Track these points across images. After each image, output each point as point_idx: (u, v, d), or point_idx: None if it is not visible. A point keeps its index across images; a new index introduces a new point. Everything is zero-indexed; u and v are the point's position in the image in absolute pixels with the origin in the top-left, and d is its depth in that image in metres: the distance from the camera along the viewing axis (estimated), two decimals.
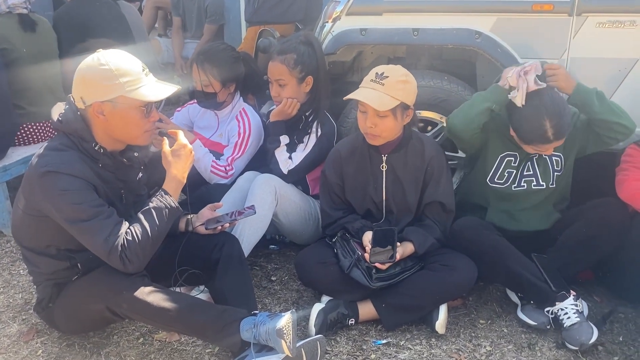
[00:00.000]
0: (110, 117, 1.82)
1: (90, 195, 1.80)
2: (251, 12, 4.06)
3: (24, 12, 3.11)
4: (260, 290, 2.45)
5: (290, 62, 2.53)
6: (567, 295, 2.11)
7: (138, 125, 1.86)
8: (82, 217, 1.78)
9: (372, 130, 2.15)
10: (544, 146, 2.18)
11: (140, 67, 1.84)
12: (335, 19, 2.75)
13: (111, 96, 1.79)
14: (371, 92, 2.11)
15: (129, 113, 1.82)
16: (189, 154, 1.93)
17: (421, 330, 2.18)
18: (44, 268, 1.96)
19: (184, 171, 1.92)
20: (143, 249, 1.81)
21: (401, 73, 2.14)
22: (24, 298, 2.41)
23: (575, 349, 2.03)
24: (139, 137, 1.91)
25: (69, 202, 1.77)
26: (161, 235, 1.87)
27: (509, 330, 2.19)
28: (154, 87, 1.86)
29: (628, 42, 2.48)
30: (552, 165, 2.34)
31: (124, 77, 1.79)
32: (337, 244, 2.25)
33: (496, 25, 2.58)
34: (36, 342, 2.12)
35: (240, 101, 2.80)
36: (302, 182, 2.67)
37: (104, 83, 1.78)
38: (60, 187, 1.76)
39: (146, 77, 1.85)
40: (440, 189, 2.25)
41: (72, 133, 1.84)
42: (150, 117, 1.88)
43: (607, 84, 2.56)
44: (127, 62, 1.83)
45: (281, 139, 2.58)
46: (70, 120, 1.84)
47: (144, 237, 1.80)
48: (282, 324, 1.80)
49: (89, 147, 1.85)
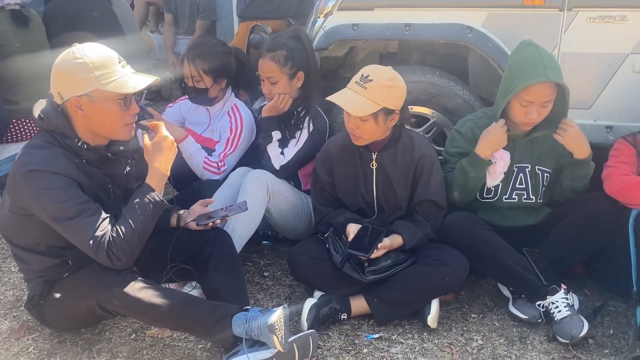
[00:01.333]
0: (89, 111, 1.80)
1: (74, 193, 1.78)
2: (243, 8, 4.05)
3: (15, 7, 3.09)
4: (253, 285, 2.45)
5: (280, 59, 2.52)
6: (558, 289, 2.12)
7: (117, 119, 1.83)
8: (67, 215, 1.76)
9: (354, 132, 2.16)
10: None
11: (116, 59, 1.81)
12: (327, 14, 2.74)
13: (87, 90, 1.76)
14: (352, 96, 2.10)
15: (106, 106, 1.79)
16: (171, 146, 1.90)
17: (413, 325, 2.19)
18: (34, 265, 1.95)
19: (167, 164, 1.90)
20: (129, 246, 1.80)
21: (387, 77, 2.10)
22: (15, 295, 2.40)
23: (565, 342, 2.04)
24: (119, 131, 1.87)
25: (54, 201, 1.75)
26: (147, 230, 1.86)
27: (500, 324, 2.20)
28: (130, 78, 1.82)
29: (619, 37, 2.49)
30: (542, 180, 2.36)
31: (99, 69, 1.76)
32: (329, 239, 2.25)
33: (488, 21, 2.59)
34: (27, 339, 2.12)
35: (232, 97, 2.79)
36: (294, 177, 2.67)
37: (79, 77, 1.76)
38: (44, 186, 1.75)
39: (122, 68, 1.82)
40: (431, 187, 2.25)
41: (53, 130, 1.83)
42: (130, 110, 1.85)
43: (598, 79, 2.57)
44: (102, 54, 1.80)
45: (273, 134, 2.58)
46: (52, 117, 1.82)
47: (129, 234, 1.79)
48: (274, 320, 1.80)
49: (72, 143, 1.83)
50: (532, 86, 2.12)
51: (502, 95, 2.23)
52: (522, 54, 2.20)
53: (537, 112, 2.19)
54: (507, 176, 2.34)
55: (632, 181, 2.14)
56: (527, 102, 2.17)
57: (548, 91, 2.16)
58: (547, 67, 2.12)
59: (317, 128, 2.58)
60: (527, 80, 2.12)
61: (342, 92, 2.15)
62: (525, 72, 2.14)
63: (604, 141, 2.56)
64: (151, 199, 1.84)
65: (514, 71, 2.20)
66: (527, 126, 2.25)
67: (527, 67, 2.15)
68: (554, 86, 2.15)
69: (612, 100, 2.58)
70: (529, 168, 2.35)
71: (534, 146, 2.34)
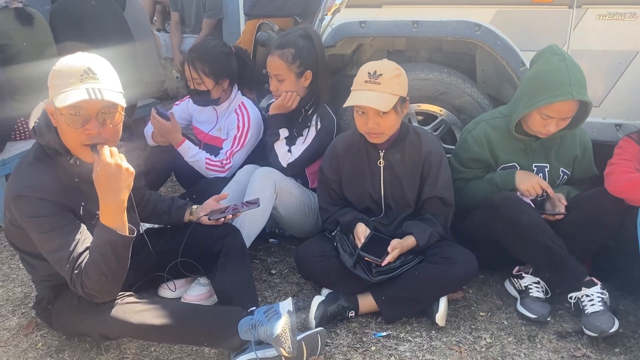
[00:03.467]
0: (56, 123, 1.72)
1: (61, 221, 1.72)
2: (250, 6, 4.04)
3: (19, 5, 3.10)
4: (261, 283, 2.45)
5: (288, 57, 2.52)
6: (595, 283, 2.11)
7: (70, 136, 1.71)
8: (49, 248, 1.72)
9: (375, 130, 2.14)
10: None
11: (79, 71, 1.66)
12: (334, 11, 2.74)
13: (50, 98, 1.69)
14: (370, 94, 2.08)
15: (59, 120, 1.69)
16: (118, 171, 1.65)
17: (421, 323, 2.18)
18: (40, 270, 1.94)
19: (117, 193, 1.65)
20: (100, 286, 1.72)
21: (392, 67, 2.12)
22: (23, 291, 2.41)
23: (594, 335, 2.01)
24: (78, 151, 1.75)
25: (39, 230, 1.72)
26: (116, 269, 1.72)
27: (509, 322, 2.19)
28: (74, 93, 1.63)
29: (628, 34, 2.47)
30: (560, 181, 2.36)
31: (58, 79, 1.67)
32: (337, 238, 2.25)
33: (496, 18, 2.58)
34: (36, 335, 2.12)
35: (239, 95, 2.79)
36: (301, 175, 2.67)
37: (49, 83, 1.70)
38: (30, 213, 1.70)
39: (80, 82, 1.65)
40: (439, 184, 2.24)
41: (46, 145, 1.77)
42: (85, 129, 1.68)
43: (607, 76, 2.56)
44: (69, 64, 1.68)
45: (280, 132, 2.57)
46: (44, 132, 1.76)
47: (95, 277, 1.69)
48: (280, 331, 1.77)
49: (64, 161, 1.77)
50: (555, 103, 2.11)
51: (522, 104, 2.19)
52: (549, 65, 2.15)
53: (556, 125, 2.18)
54: None
55: (634, 179, 2.10)
56: (547, 117, 2.16)
57: (571, 107, 2.14)
58: (573, 83, 2.08)
59: (325, 126, 2.58)
60: (551, 98, 2.10)
61: (357, 94, 2.12)
62: (551, 88, 2.10)
63: (613, 139, 2.54)
64: (108, 240, 1.67)
65: (538, 82, 2.16)
66: (543, 135, 2.24)
67: (553, 81, 2.11)
68: (577, 101, 2.13)
69: (621, 98, 2.56)
70: (547, 168, 2.34)
71: (547, 146, 2.33)
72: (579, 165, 2.38)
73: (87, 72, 1.67)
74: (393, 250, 2.10)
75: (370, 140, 2.21)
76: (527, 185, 2.24)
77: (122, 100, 1.71)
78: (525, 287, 2.24)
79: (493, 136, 2.32)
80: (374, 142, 2.22)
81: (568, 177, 2.39)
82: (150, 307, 1.85)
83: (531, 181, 2.25)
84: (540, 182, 2.25)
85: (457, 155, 2.41)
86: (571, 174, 2.39)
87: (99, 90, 1.65)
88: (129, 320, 1.80)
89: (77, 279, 1.71)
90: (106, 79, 1.70)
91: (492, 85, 2.98)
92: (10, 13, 3.07)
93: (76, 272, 1.70)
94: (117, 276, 1.75)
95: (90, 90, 1.64)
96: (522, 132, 2.30)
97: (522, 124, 2.28)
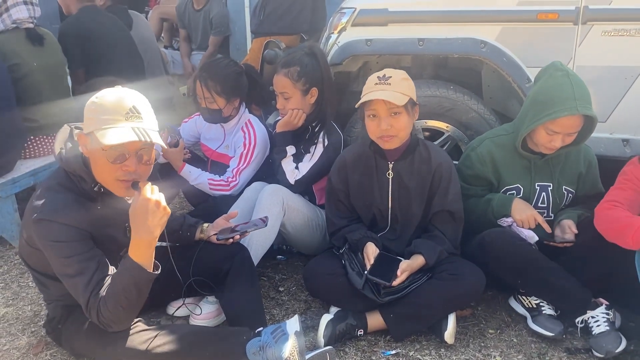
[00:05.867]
0: (88, 153, 1.76)
1: (81, 248, 1.74)
2: (257, 24, 4.09)
3: (30, 26, 3.14)
4: (268, 300, 2.45)
5: (293, 75, 2.54)
6: (599, 304, 2.11)
7: (105, 170, 1.74)
8: (68, 272, 1.75)
9: (388, 132, 2.14)
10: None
11: (124, 109, 1.69)
12: (340, 30, 2.77)
13: (88, 130, 1.71)
14: (383, 92, 2.11)
15: (96, 153, 1.72)
16: (155, 209, 1.69)
17: (430, 341, 2.17)
18: (53, 290, 1.96)
19: (153, 230, 1.70)
20: (117, 317, 1.76)
21: (401, 72, 2.18)
22: (33, 310, 2.42)
23: (600, 357, 2.01)
24: (112, 185, 1.78)
25: (58, 255, 1.74)
26: (135, 302, 1.76)
27: (518, 340, 2.18)
28: (120, 131, 1.66)
29: (634, 50, 2.48)
30: (565, 200, 2.35)
31: (102, 114, 1.68)
32: (345, 256, 2.24)
33: (501, 35, 2.59)
34: (45, 355, 2.12)
35: (246, 112, 2.81)
36: (309, 192, 2.68)
37: (87, 115, 1.73)
38: (51, 237, 1.73)
39: (126, 120, 1.69)
40: (449, 198, 2.24)
41: (71, 172, 1.80)
42: (123, 166, 1.73)
43: (614, 92, 2.57)
44: (117, 101, 1.71)
45: (287, 149, 2.59)
46: (70, 160, 1.79)
47: (113, 308, 1.73)
48: (287, 354, 1.78)
49: (88, 188, 1.80)
50: (560, 118, 2.11)
51: (527, 120, 2.20)
52: (553, 81, 2.16)
53: (562, 141, 2.18)
54: (529, 197, 2.33)
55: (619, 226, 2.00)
56: (552, 132, 2.16)
57: (576, 122, 2.14)
58: (578, 98, 2.08)
59: (332, 143, 2.59)
60: (557, 113, 2.10)
61: (369, 95, 2.13)
62: (556, 103, 2.11)
63: (621, 154, 2.55)
64: (133, 276, 1.72)
65: (543, 98, 2.16)
66: (549, 151, 2.24)
67: (558, 97, 2.11)
68: (582, 116, 2.14)
69: (628, 114, 2.57)
70: (551, 187, 2.33)
71: (553, 163, 2.32)
72: (584, 182, 2.37)
73: (132, 111, 1.70)
74: (402, 272, 2.09)
75: (382, 146, 2.21)
76: (522, 216, 2.24)
77: (161, 140, 1.74)
78: (536, 304, 2.22)
79: (497, 154, 2.32)
80: (386, 148, 2.21)
81: (573, 195, 2.37)
82: (157, 333, 1.86)
83: (527, 213, 2.24)
84: (536, 216, 2.24)
85: (459, 170, 2.40)
86: (576, 192, 2.38)
87: (145, 131, 1.70)
88: (137, 349, 1.81)
89: (93, 307, 1.74)
90: (148, 118, 1.75)
91: (498, 101, 2.99)
92: (22, 33, 3.11)
93: (93, 300, 1.73)
94: (134, 309, 1.79)
95: (137, 130, 1.68)
96: (528, 150, 2.30)
97: (527, 141, 2.28)
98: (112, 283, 1.74)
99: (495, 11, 2.62)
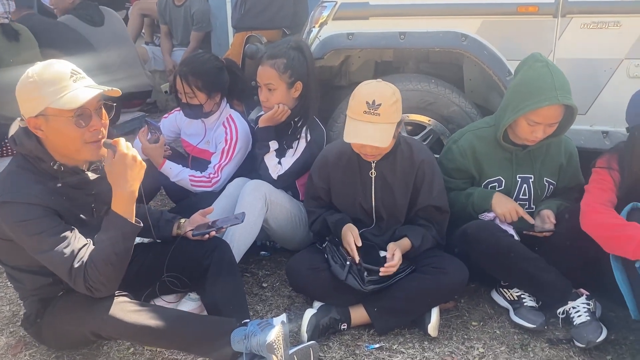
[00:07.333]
0: (48, 132, 1.72)
1: (49, 223, 1.72)
2: (238, 18, 4.06)
3: (5, 22, 3.08)
4: (252, 297, 2.44)
5: (280, 67, 2.52)
6: (580, 294, 2.13)
7: (74, 137, 1.72)
8: (42, 248, 1.72)
9: (372, 152, 2.15)
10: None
11: (67, 74, 1.69)
12: (322, 24, 2.76)
13: (39, 109, 1.68)
14: (370, 129, 2.05)
15: (61, 125, 1.69)
16: (133, 163, 1.72)
17: (414, 334, 2.18)
18: (28, 284, 1.92)
19: (130, 184, 1.72)
20: (106, 277, 1.74)
21: (390, 93, 2.08)
22: (11, 310, 2.38)
23: (582, 346, 2.03)
24: (82, 150, 1.76)
25: (28, 233, 1.71)
26: (122, 259, 1.77)
27: (501, 331, 2.19)
28: (81, 92, 1.68)
29: (613, 42, 2.51)
30: (546, 192, 2.36)
31: (48, 87, 1.66)
32: (327, 249, 2.24)
33: (482, 28, 2.60)
34: (24, 355, 2.09)
35: (227, 107, 2.78)
36: (291, 187, 2.67)
37: (31, 96, 1.69)
38: (18, 218, 1.70)
39: (74, 82, 1.69)
40: (434, 193, 2.25)
41: (27, 154, 1.77)
42: (90, 127, 1.72)
43: (593, 84, 2.59)
44: (54, 70, 1.70)
45: (270, 144, 2.57)
46: (24, 141, 1.76)
47: (102, 267, 1.72)
48: (273, 338, 1.77)
49: (47, 167, 1.77)
50: (541, 108, 2.12)
51: (508, 111, 2.20)
52: (533, 72, 2.17)
53: (544, 131, 2.19)
54: (510, 189, 2.34)
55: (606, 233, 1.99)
56: (534, 123, 2.16)
57: (557, 113, 2.16)
58: (558, 88, 2.10)
59: (315, 138, 2.58)
60: (537, 103, 2.11)
61: (356, 128, 2.08)
62: (536, 93, 2.12)
63: (601, 146, 2.57)
64: (120, 226, 1.73)
65: (523, 89, 2.17)
66: (531, 142, 2.25)
67: (538, 87, 2.12)
68: (562, 106, 2.15)
69: (607, 106, 2.59)
70: (532, 179, 2.34)
71: (534, 155, 2.34)
72: (564, 174, 2.39)
73: (74, 73, 1.72)
74: (394, 252, 2.10)
75: (365, 159, 2.23)
76: (503, 210, 2.24)
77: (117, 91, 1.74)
78: (517, 297, 2.24)
79: (478, 147, 2.33)
80: (368, 160, 2.23)
81: (554, 187, 2.39)
82: (144, 308, 1.85)
83: (508, 207, 2.24)
84: (517, 208, 2.24)
85: (440, 164, 2.40)
86: (557, 183, 2.39)
87: (96, 85, 1.72)
88: (123, 319, 1.79)
89: (78, 274, 1.72)
90: (88, 77, 1.76)
91: (479, 94, 3.00)
92: None
93: (77, 266, 1.71)
94: (122, 267, 1.78)
95: (92, 87, 1.70)
96: (509, 142, 2.31)
97: (509, 133, 2.29)
98: (98, 242, 1.74)
99: (475, 4, 2.63)
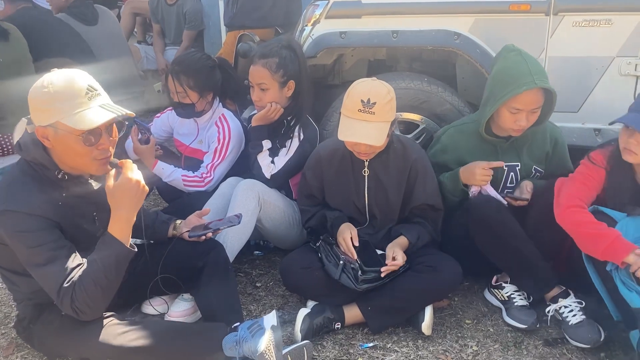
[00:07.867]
0: (55, 143, 1.70)
1: (48, 237, 1.70)
2: (230, 17, 4.03)
3: None
4: (245, 296, 2.43)
5: (272, 66, 2.51)
6: (570, 293, 2.14)
7: (82, 154, 1.71)
8: (36, 262, 1.70)
9: (366, 150, 2.15)
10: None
11: (83, 90, 1.67)
12: (314, 22, 2.75)
13: (50, 121, 1.66)
14: (365, 127, 2.05)
15: (69, 141, 1.68)
16: (136, 188, 1.72)
17: (407, 332, 2.18)
18: (23, 288, 1.90)
19: (130, 209, 1.73)
20: (93, 301, 1.72)
21: (385, 92, 2.08)
22: (3, 312, 2.36)
23: (586, 347, 2.03)
24: (88, 166, 1.76)
25: (26, 245, 1.70)
26: (112, 283, 1.75)
27: (495, 329, 2.20)
28: (93, 112, 1.67)
29: (604, 40, 2.51)
30: (533, 177, 2.37)
31: (62, 101, 1.64)
32: (321, 248, 2.24)
33: (474, 26, 2.60)
34: (16, 357, 2.07)
35: (220, 107, 2.77)
36: (285, 186, 2.66)
37: (43, 107, 1.67)
38: (17, 228, 1.69)
39: (89, 100, 1.67)
40: (427, 191, 2.26)
41: (32, 161, 1.75)
42: (98, 145, 1.72)
43: (585, 82, 2.59)
44: (70, 84, 1.67)
45: (263, 143, 2.56)
46: (30, 148, 1.74)
47: (91, 290, 1.70)
48: (263, 347, 1.76)
49: (51, 175, 1.75)
50: (520, 94, 2.13)
51: (489, 103, 2.23)
52: (507, 61, 2.21)
53: (526, 119, 2.20)
54: (497, 177, 2.35)
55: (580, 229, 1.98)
56: (516, 110, 2.17)
57: (536, 97, 2.17)
58: (534, 73, 2.12)
59: (308, 137, 2.57)
60: (516, 89, 2.12)
61: (351, 126, 2.08)
62: (513, 80, 2.14)
63: (593, 144, 2.57)
64: (114, 251, 1.72)
65: (500, 79, 2.20)
66: (516, 132, 2.26)
67: (514, 74, 2.15)
68: (541, 91, 2.17)
69: (599, 103, 2.60)
70: (519, 166, 2.35)
71: (518, 144, 2.35)
72: (551, 160, 2.41)
73: (90, 90, 1.69)
74: (394, 252, 2.11)
75: (358, 157, 2.23)
76: (476, 177, 2.21)
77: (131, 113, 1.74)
78: (508, 296, 2.25)
79: (461, 141, 2.35)
80: (361, 158, 2.23)
81: (541, 175, 2.40)
82: (131, 328, 1.83)
83: (475, 171, 2.22)
84: (482, 165, 2.21)
85: (427, 152, 2.43)
86: (545, 170, 2.40)
87: (111, 106, 1.71)
88: (110, 343, 1.78)
89: (66, 294, 1.70)
90: (103, 92, 1.74)
91: (472, 92, 3.00)
92: None
93: (66, 286, 1.69)
94: (111, 290, 1.76)
95: (106, 107, 1.69)
96: (493, 135, 2.32)
97: (492, 127, 2.31)
98: (90, 263, 1.72)
99: (468, 2, 2.63)
